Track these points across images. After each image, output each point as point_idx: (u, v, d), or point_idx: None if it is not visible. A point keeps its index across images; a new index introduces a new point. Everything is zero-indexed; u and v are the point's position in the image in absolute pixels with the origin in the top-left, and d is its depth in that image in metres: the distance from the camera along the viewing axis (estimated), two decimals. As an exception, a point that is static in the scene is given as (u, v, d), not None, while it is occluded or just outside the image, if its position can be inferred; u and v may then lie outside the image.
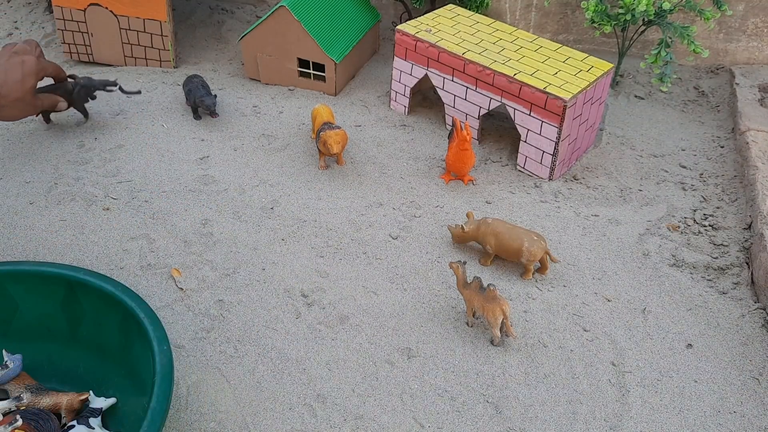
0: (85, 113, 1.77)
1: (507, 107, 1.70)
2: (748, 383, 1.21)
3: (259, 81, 2.10)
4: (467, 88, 1.77)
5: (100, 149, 1.75)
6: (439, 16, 1.94)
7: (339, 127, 1.65)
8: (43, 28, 2.34)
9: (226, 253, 1.44)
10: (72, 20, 2.06)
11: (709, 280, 1.43)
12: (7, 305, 1.15)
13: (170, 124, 1.87)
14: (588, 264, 1.46)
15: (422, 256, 1.46)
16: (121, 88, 1.76)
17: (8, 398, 1.05)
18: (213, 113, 1.86)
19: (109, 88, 1.73)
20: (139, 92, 1.79)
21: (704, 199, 1.67)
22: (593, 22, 1.98)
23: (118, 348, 1.11)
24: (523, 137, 1.70)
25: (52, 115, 1.84)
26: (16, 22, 2.37)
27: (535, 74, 1.66)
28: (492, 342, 1.26)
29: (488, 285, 1.24)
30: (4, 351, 1.09)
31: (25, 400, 1.04)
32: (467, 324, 1.30)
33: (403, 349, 1.25)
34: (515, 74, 1.66)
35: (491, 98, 1.73)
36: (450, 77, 1.80)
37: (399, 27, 1.86)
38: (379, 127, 1.91)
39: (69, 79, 1.72)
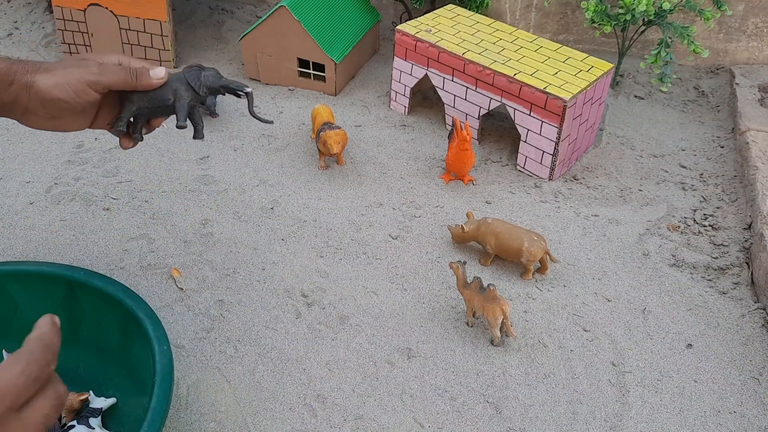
0: (197, 128, 0.97)
1: (507, 107, 1.70)
2: (748, 383, 1.21)
3: (259, 81, 2.10)
4: (467, 88, 1.77)
5: (99, 149, 1.75)
6: (439, 16, 1.94)
7: (339, 127, 1.66)
8: (43, 28, 2.34)
9: (226, 253, 1.44)
10: (72, 20, 2.06)
11: (709, 280, 1.43)
12: (7, 305, 1.15)
13: (170, 123, 1.87)
14: (588, 264, 1.46)
15: (422, 256, 1.46)
16: (250, 104, 0.96)
17: (8, 398, 1.05)
18: (213, 113, 1.86)
19: (239, 92, 0.94)
20: (271, 122, 0.98)
21: (704, 199, 1.67)
22: (593, 22, 1.98)
23: (118, 348, 1.11)
24: (523, 137, 1.70)
25: None
26: (16, 22, 2.37)
27: (535, 74, 1.66)
28: (492, 342, 1.26)
29: (488, 285, 1.24)
30: (4, 351, 1.09)
31: (25, 400, 1.04)
32: (467, 324, 1.30)
33: (403, 349, 1.25)
34: (515, 74, 1.66)
35: (491, 98, 1.73)
36: (450, 77, 1.80)
37: (399, 27, 1.86)
38: (379, 127, 1.91)
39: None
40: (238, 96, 0.91)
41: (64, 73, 0.80)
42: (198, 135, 0.94)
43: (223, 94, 0.92)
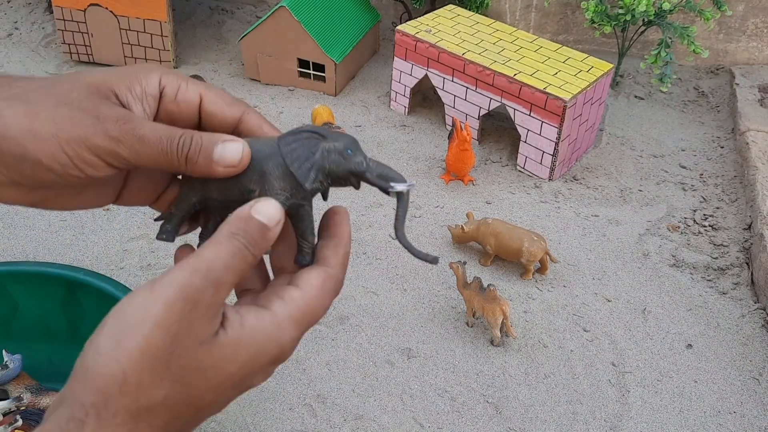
0: (301, 249, 0.45)
1: (507, 107, 1.70)
2: (748, 383, 1.21)
3: (259, 81, 2.10)
4: (467, 88, 1.77)
5: (100, 149, 1.75)
6: (439, 17, 1.94)
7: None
8: (43, 28, 2.33)
9: (226, 254, 1.44)
10: (72, 20, 2.06)
11: (709, 280, 1.43)
12: (7, 305, 1.15)
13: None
14: (588, 264, 1.46)
15: (422, 256, 1.46)
16: (400, 216, 0.45)
17: (8, 398, 1.05)
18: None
19: (392, 185, 0.45)
20: (435, 261, 0.43)
21: (704, 199, 1.67)
22: (593, 22, 1.98)
23: (118, 348, 1.11)
24: (523, 137, 1.70)
25: None
26: (16, 22, 2.37)
27: (535, 74, 1.66)
28: (492, 342, 1.26)
29: (488, 285, 1.24)
30: (3, 351, 1.09)
31: (25, 401, 1.04)
32: (467, 324, 1.30)
33: (403, 350, 1.25)
34: (515, 74, 1.66)
35: (491, 98, 1.73)
36: (450, 77, 1.80)
37: (399, 27, 1.86)
38: (379, 128, 1.91)
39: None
40: (386, 192, 0.46)
41: (53, 116, 0.39)
42: (304, 259, 0.45)
43: (356, 187, 0.45)
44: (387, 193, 0.45)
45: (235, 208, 0.44)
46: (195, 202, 0.46)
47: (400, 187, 0.44)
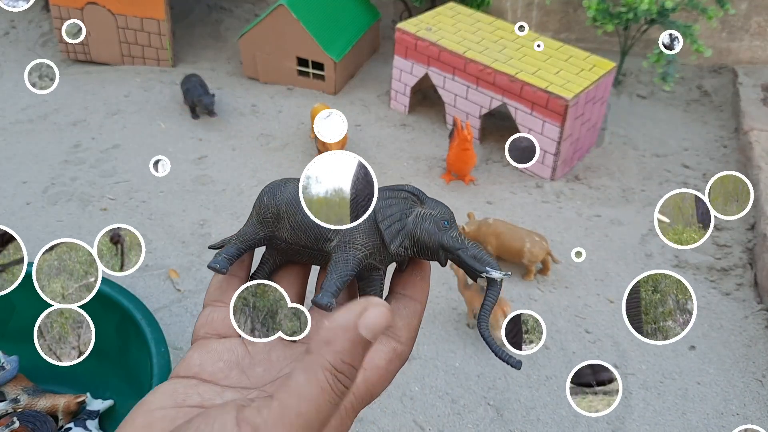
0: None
1: (508, 106, 1.69)
2: (752, 385, 1.20)
3: (258, 80, 2.08)
4: (468, 87, 1.76)
5: (96, 149, 1.73)
6: (440, 15, 1.93)
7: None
8: (40, 27, 2.32)
9: (225, 254, 1.43)
10: (69, 19, 2.05)
11: (712, 281, 1.42)
12: (3, 306, 1.14)
13: (168, 123, 1.85)
14: (590, 265, 1.45)
15: (423, 256, 1.45)
16: (486, 308, 0.40)
17: (5, 400, 1.04)
18: (211, 112, 1.85)
19: (488, 270, 0.40)
20: (519, 365, 0.38)
21: (707, 199, 1.66)
22: (595, 20, 1.96)
23: (116, 350, 1.10)
24: (524, 137, 1.69)
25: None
26: (12, 21, 2.35)
27: (537, 73, 1.64)
28: (493, 344, 1.25)
29: (489, 286, 1.23)
30: (1, 353, 1.08)
31: (21, 402, 1.03)
32: (468, 326, 1.28)
33: (404, 351, 1.23)
34: (516, 73, 1.64)
35: (492, 97, 1.72)
36: (451, 76, 1.78)
37: (399, 25, 1.85)
38: (379, 127, 1.90)
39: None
40: (474, 278, 0.41)
41: None
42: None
43: (442, 264, 0.40)
44: (475, 278, 0.40)
45: (302, 253, 0.42)
46: (262, 237, 0.43)
47: (495, 273, 0.39)
